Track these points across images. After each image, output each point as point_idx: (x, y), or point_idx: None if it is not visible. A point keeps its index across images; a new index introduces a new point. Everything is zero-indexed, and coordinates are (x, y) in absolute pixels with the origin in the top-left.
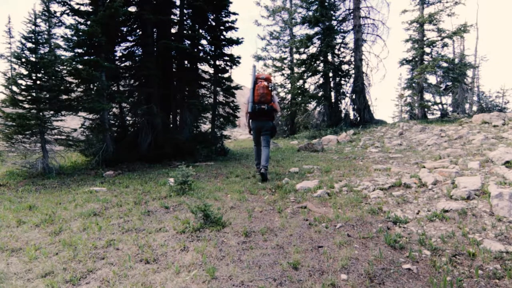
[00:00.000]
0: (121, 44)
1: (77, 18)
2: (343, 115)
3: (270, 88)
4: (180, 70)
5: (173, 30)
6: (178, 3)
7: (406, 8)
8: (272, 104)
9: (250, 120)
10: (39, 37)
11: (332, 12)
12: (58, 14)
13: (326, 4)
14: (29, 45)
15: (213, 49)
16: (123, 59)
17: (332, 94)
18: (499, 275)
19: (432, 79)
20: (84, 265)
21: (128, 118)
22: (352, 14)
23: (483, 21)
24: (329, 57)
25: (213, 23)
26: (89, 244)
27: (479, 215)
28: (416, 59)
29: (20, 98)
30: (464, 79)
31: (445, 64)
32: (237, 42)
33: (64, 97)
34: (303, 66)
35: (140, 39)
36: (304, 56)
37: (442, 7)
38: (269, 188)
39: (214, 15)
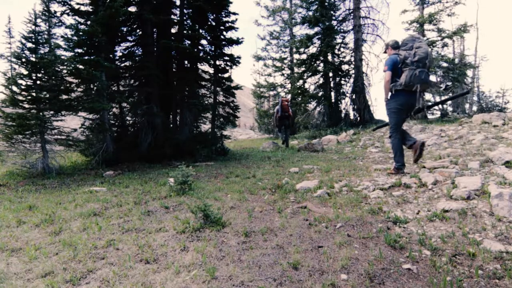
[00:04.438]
0: (121, 44)
1: (77, 18)
2: (343, 115)
3: (288, 104)
4: (180, 70)
5: (173, 30)
6: (178, 3)
7: (406, 8)
8: (289, 112)
9: (278, 119)
10: (39, 37)
11: (332, 12)
12: (58, 14)
13: (326, 4)
14: (29, 45)
15: (213, 49)
16: (123, 59)
17: (332, 94)
18: (499, 275)
19: (432, 79)
20: (84, 265)
21: (128, 118)
22: (352, 14)
23: (483, 21)
24: (329, 57)
25: (213, 23)
26: (89, 244)
27: (479, 215)
28: None
29: (20, 98)
30: (464, 79)
31: (445, 64)
32: (237, 42)
33: (64, 97)
34: (303, 66)
35: (140, 39)
36: (304, 56)
37: (442, 7)
38: (269, 188)
39: (214, 15)
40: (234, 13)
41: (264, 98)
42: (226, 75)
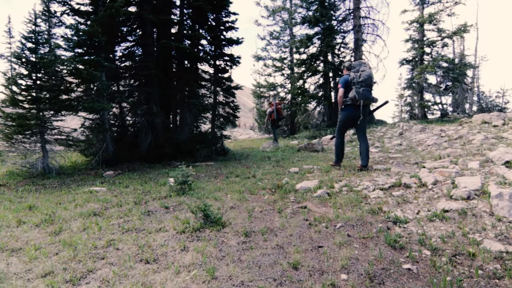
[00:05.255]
0: (121, 44)
1: (77, 18)
2: None
3: (281, 107)
4: (180, 70)
5: (173, 30)
6: (178, 3)
7: (406, 8)
8: (283, 114)
9: (271, 121)
10: (39, 37)
11: (332, 12)
12: (58, 14)
13: (326, 4)
14: (29, 45)
15: (213, 49)
16: (123, 59)
17: (332, 94)
18: (499, 275)
19: (432, 79)
20: (84, 265)
21: (128, 118)
22: (352, 14)
23: (483, 21)
24: (329, 57)
25: (213, 23)
26: (89, 244)
27: (479, 215)
28: (416, 59)
29: (20, 98)
30: (464, 79)
31: (445, 64)
32: (237, 42)
33: (64, 97)
34: (303, 66)
35: (140, 39)
36: (304, 56)
37: (442, 7)
38: (269, 188)
39: (214, 15)
40: (234, 13)
41: (264, 98)
42: (226, 75)
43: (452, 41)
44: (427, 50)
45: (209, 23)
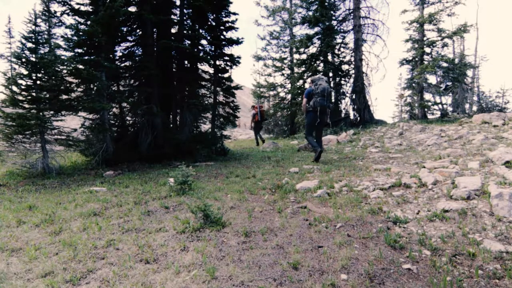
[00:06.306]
0: (121, 44)
1: (77, 18)
2: (343, 115)
3: (263, 110)
4: (180, 70)
5: (173, 30)
6: (178, 3)
7: (406, 8)
8: (264, 117)
9: (255, 122)
10: (39, 37)
11: (332, 12)
12: (58, 14)
13: (326, 4)
14: (29, 45)
15: (213, 49)
16: (123, 59)
17: (332, 94)
18: (499, 275)
19: (432, 79)
20: (84, 265)
21: (128, 118)
22: (352, 14)
23: (483, 21)
24: (329, 57)
25: (213, 23)
26: (89, 244)
27: (479, 215)
28: (416, 59)
29: (20, 98)
30: (464, 79)
31: (445, 64)
32: (237, 42)
33: (64, 97)
34: (303, 66)
35: (140, 39)
36: (304, 56)
37: (442, 7)
38: (269, 188)
39: (214, 15)
40: (234, 13)
41: (264, 98)
42: (226, 75)
43: (452, 41)
44: (427, 50)
45: (209, 23)
